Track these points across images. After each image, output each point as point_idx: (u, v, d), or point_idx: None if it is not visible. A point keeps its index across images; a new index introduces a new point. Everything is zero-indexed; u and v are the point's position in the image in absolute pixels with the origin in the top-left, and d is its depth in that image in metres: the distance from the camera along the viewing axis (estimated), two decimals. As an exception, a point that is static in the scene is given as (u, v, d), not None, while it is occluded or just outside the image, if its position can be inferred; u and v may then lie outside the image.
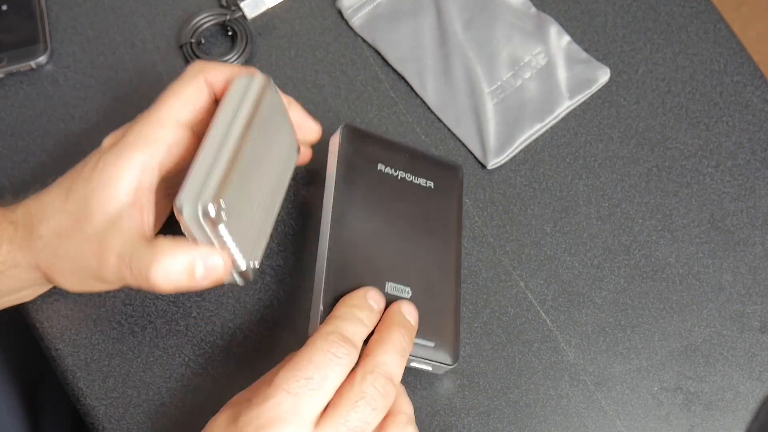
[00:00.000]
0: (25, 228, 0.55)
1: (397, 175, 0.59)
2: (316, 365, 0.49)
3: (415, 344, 0.56)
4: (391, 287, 0.56)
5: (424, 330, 0.56)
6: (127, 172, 0.53)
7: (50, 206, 0.54)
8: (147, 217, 0.54)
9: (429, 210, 0.59)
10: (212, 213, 0.51)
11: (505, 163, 0.65)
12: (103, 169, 0.53)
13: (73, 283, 0.55)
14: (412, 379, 0.59)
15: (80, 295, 0.62)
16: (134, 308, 0.62)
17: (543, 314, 0.61)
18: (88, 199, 0.53)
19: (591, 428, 0.59)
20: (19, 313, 0.63)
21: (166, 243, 0.52)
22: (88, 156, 0.56)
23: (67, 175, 0.55)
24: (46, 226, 0.54)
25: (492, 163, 0.65)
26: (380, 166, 0.59)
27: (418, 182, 0.60)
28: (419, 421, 0.59)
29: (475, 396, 0.59)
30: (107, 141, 0.56)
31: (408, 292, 0.56)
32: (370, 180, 0.58)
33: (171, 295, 0.62)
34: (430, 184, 0.60)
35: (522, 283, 0.62)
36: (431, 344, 0.56)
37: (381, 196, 0.58)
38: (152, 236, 0.55)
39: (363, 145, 0.59)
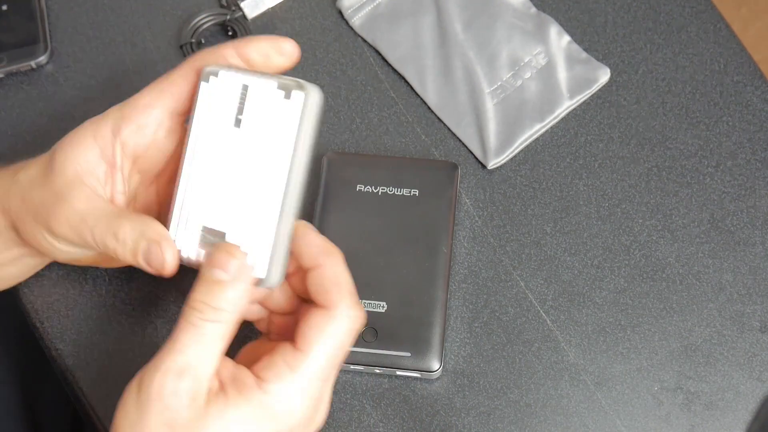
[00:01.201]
0: (9, 175, 0.56)
1: (377, 191, 0.62)
2: None
3: (393, 356, 0.58)
4: (364, 305, 0.59)
5: (400, 342, 0.58)
6: (89, 136, 0.54)
7: (34, 160, 0.56)
8: (115, 187, 0.54)
9: (413, 218, 0.61)
10: (278, 286, 0.50)
11: (505, 163, 0.65)
12: (77, 130, 0.54)
13: (30, 233, 0.55)
14: (412, 380, 0.59)
15: (80, 294, 0.62)
16: (134, 308, 0.62)
17: (543, 314, 0.61)
18: (55, 153, 0.54)
19: (591, 428, 0.59)
20: (19, 314, 0.63)
21: (134, 217, 0.52)
22: None
23: None
24: (24, 173, 0.55)
25: (492, 163, 0.65)
26: (359, 187, 0.62)
27: (400, 193, 0.62)
28: (420, 421, 0.59)
29: (475, 396, 0.59)
30: None
31: (383, 306, 0.59)
32: (348, 203, 0.61)
33: (171, 295, 0.62)
34: (415, 192, 0.62)
35: (522, 283, 0.62)
36: (407, 354, 0.58)
37: (359, 216, 0.61)
38: (122, 207, 0.55)
39: (342, 169, 0.62)
